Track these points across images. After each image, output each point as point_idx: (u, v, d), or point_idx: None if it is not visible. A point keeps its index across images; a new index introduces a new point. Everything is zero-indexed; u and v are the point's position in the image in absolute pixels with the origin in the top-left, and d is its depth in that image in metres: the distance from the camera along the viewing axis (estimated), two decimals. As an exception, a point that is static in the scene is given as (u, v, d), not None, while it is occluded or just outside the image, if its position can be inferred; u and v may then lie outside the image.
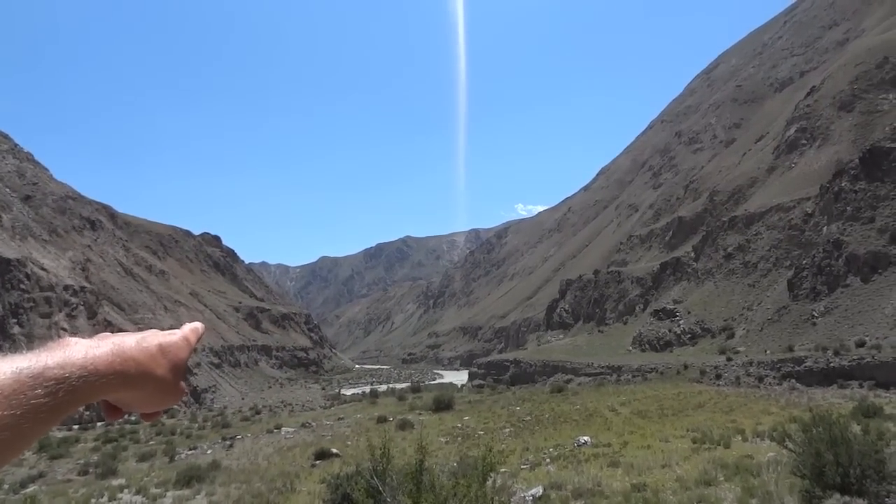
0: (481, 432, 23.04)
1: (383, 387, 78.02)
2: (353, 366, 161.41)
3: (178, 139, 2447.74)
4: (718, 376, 42.44)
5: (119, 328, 66.23)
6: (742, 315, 60.65)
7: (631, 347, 70.68)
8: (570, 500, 10.64)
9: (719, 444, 15.63)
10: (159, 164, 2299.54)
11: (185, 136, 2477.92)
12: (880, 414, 19.18)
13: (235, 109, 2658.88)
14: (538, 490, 11.03)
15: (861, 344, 39.37)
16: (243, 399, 76.65)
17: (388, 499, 6.65)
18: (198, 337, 0.87)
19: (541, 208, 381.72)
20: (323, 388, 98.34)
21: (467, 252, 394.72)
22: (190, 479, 16.93)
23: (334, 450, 20.60)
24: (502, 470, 12.08)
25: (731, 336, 57.28)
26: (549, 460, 15.75)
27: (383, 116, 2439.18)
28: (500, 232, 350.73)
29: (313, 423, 33.69)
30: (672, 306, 71.89)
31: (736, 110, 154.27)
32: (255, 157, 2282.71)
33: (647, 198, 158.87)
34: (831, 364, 37.69)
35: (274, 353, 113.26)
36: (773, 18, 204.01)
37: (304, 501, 13.40)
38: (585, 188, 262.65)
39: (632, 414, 24.93)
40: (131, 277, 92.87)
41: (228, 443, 28.76)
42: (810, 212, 65.22)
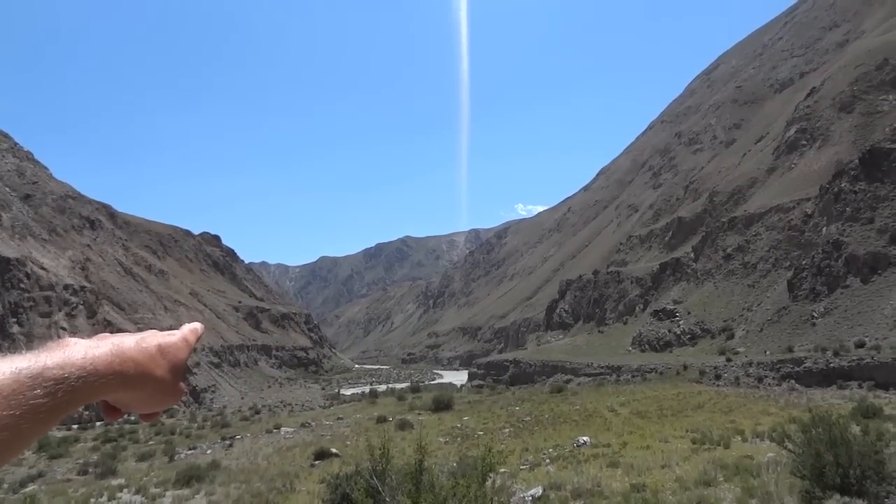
0: (481, 432, 23.02)
1: (383, 387, 78.00)
2: (353, 366, 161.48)
3: (177, 139, 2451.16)
4: (718, 377, 42.45)
5: (119, 328, 66.25)
6: (742, 316, 60.69)
7: (630, 348, 70.71)
8: (570, 500, 10.63)
9: (719, 445, 15.62)
10: (159, 163, 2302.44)
11: (184, 135, 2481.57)
12: (880, 414, 19.21)
13: (235, 109, 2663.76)
14: (537, 490, 11.03)
15: (860, 345, 39.37)
16: (243, 399, 76.64)
17: (388, 499, 6.65)
18: (197, 337, 0.88)
19: (541, 208, 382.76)
20: (322, 388, 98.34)
21: (467, 252, 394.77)
22: (189, 478, 16.92)
23: (334, 450, 20.58)
24: (502, 470, 12.07)
25: (731, 336, 57.30)
26: (548, 460, 15.75)
27: (384, 116, 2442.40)
28: (500, 232, 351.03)
29: (313, 423, 33.69)
30: (672, 307, 71.93)
31: (736, 111, 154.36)
32: (255, 157, 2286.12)
33: (646, 198, 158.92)
34: (831, 365, 37.72)
35: (273, 352, 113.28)
36: (774, 19, 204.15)
37: (304, 501, 13.38)
38: (585, 188, 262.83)
39: (631, 414, 24.92)
40: (131, 277, 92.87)
41: (228, 442, 28.77)
42: (810, 212, 65.25)
